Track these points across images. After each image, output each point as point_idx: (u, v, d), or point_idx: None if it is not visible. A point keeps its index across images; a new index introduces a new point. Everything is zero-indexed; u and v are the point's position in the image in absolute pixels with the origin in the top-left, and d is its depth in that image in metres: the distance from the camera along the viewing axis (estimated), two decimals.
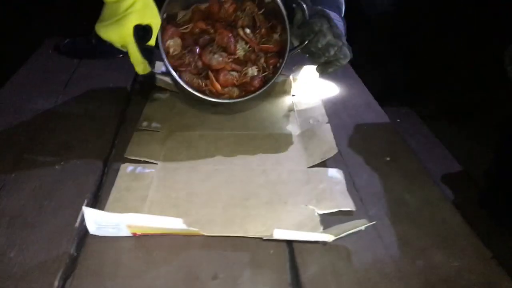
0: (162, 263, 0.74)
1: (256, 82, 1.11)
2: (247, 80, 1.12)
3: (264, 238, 0.77)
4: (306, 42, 0.98)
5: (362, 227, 0.77)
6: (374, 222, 0.78)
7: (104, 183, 0.92)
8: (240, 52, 1.07)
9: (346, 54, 0.99)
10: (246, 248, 0.78)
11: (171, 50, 1.08)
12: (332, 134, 1.07)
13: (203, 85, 1.10)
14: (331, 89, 1.31)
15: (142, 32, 0.94)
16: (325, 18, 0.97)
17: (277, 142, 1.06)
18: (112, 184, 0.90)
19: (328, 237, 0.73)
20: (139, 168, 0.95)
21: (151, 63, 1.01)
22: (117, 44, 0.94)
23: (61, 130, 1.06)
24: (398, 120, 1.15)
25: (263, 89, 1.09)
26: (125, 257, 0.75)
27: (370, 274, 0.73)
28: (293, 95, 1.26)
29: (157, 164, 0.97)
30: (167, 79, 1.21)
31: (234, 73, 1.12)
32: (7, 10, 1.62)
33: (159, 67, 1.08)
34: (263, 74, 1.12)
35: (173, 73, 1.07)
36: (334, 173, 0.96)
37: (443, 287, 0.71)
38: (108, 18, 0.90)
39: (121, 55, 1.38)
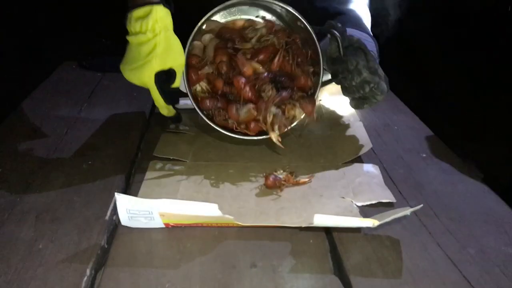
0: (197, 253, 0.70)
1: None
2: None
3: (304, 225, 0.73)
4: (339, 77, 0.92)
5: (408, 212, 0.72)
6: (421, 205, 0.73)
7: (132, 182, 0.89)
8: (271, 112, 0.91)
9: (384, 89, 0.89)
10: (284, 238, 0.74)
11: (199, 95, 0.97)
12: (365, 130, 1.04)
13: (236, 127, 0.96)
14: None
15: (165, 76, 0.90)
16: (361, 51, 0.89)
17: (308, 140, 1.03)
18: (140, 182, 0.88)
19: (372, 223, 0.69)
20: (169, 165, 0.93)
21: (176, 105, 0.98)
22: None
23: (87, 133, 1.05)
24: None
25: (295, 123, 0.96)
26: (158, 247, 0.72)
27: (418, 261, 0.68)
28: (320, 100, 1.24)
29: (186, 161, 0.94)
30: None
31: None
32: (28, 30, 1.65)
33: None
34: None
35: (206, 119, 0.95)
36: (370, 168, 0.93)
37: (499, 273, 0.66)
38: (131, 62, 0.88)
39: None
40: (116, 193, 0.70)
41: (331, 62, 0.93)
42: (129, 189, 0.87)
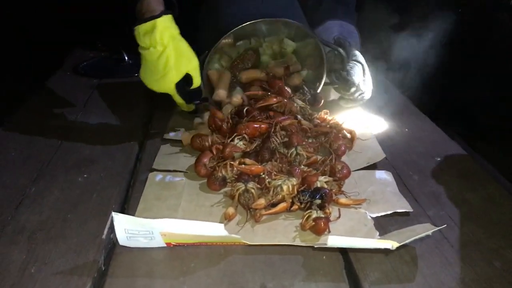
0: (202, 274, 0.65)
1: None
2: None
3: (316, 245, 0.67)
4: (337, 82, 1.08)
5: (429, 232, 0.67)
6: (443, 226, 0.67)
7: (130, 195, 0.84)
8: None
9: (367, 97, 1.08)
10: (294, 253, 0.69)
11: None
12: (376, 141, 0.99)
13: None
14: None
15: (183, 81, 0.97)
16: (360, 66, 1.05)
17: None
18: (139, 195, 0.83)
19: (391, 244, 0.63)
20: (169, 177, 0.87)
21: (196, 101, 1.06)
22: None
23: (83, 144, 1.00)
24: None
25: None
26: (159, 268, 0.66)
27: (442, 279, 0.63)
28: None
29: (187, 172, 0.89)
30: None
31: None
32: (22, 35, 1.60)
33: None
34: None
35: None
36: (383, 174, 0.87)
37: None
38: (151, 74, 0.96)
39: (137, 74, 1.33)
40: (113, 213, 0.65)
41: (333, 71, 1.08)
42: (128, 203, 0.82)
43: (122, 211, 0.80)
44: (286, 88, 1.05)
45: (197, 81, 0.99)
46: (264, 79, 1.10)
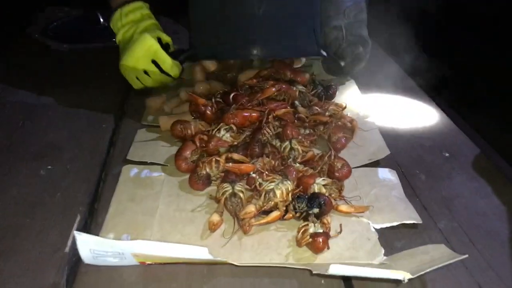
0: None
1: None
2: None
3: (314, 272, 0.58)
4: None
5: (449, 262, 0.57)
6: (465, 255, 0.58)
7: (101, 192, 0.74)
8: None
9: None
10: (288, 278, 0.59)
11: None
12: (378, 130, 0.89)
13: None
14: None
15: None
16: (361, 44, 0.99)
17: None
18: (112, 192, 0.72)
19: (403, 276, 0.54)
20: (146, 171, 0.77)
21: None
22: (145, 65, 0.90)
23: (48, 126, 0.88)
24: None
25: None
26: None
27: None
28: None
29: (167, 166, 0.78)
30: None
31: None
32: None
33: None
34: None
35: None
36: (386, 173, 0.78)
37: None
38: (129, 49, 0.90)
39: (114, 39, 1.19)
40: (75, 232, 0.54)
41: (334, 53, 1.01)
42: (98, 202, 0.71)
43: (92, 213, 0.69)
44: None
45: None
46: (267, 74, 0.97)
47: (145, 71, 0.90)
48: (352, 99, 1.00)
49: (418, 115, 0.98)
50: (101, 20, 1.33)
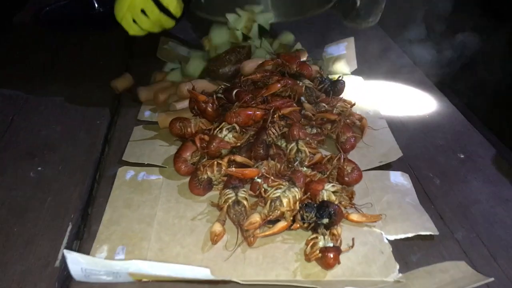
0: None
1: None
2: None
3: None
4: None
5: (473, 286, 0.53)
6: (490, 279, 0.53)
7: (95, 196, 0.69)
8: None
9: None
10: None
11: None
12: (389, 130, 0.84)
13: None
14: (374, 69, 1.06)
15: None
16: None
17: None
18: (107, 197, 0.67)
19: None
20: (142, 174, 0.72)
21: None
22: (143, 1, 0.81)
23: (39, 121, 0.83)
24: None
25: None
26: None
27: None
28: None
29: (165, 168, 0.74)
30: None
31: None
32: None
33: None
34: None
35: None
36: (399, 177, 0.73)
37: None
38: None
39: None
40: (65, 251, 0.50)
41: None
42: (91, 208, 0.67)
43: (84, 220, 0.65)
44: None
45: None
46: (272, 66, 0.90)
47: (143, 11, 0.82)
48: (360, 95, 0.94)
49: (430, 112, 0.92)
50: (96, 5, 1.27)
